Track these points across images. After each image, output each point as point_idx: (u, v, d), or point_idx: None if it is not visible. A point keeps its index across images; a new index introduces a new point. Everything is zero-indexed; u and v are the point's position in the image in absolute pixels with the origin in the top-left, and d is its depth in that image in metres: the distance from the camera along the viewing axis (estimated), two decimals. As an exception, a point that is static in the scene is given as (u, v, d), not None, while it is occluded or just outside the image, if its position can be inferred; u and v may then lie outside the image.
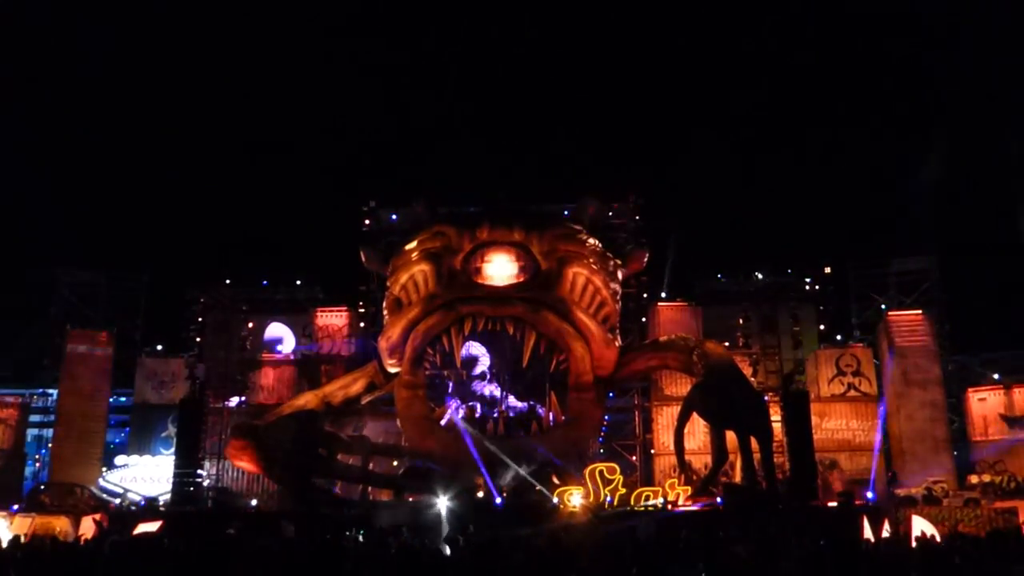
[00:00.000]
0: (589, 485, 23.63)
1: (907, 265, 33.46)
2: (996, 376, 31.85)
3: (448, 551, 9.74)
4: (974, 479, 27.65)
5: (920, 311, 31.74)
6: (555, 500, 23.30)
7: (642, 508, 23.44)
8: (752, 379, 28.55)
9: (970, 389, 31.92)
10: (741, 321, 32.33)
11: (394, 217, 33.68)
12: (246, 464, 26.89)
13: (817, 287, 33.91)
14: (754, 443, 24.94)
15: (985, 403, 31.43)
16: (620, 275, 28.25)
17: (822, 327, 33.41)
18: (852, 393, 31.39)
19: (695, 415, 26.24)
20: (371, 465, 27.32)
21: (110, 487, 30.69)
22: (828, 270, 34.14)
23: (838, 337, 33.09)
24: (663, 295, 33.38)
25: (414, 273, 26.45)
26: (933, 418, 30.30)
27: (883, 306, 32.82)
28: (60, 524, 24.53)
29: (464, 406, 28.41)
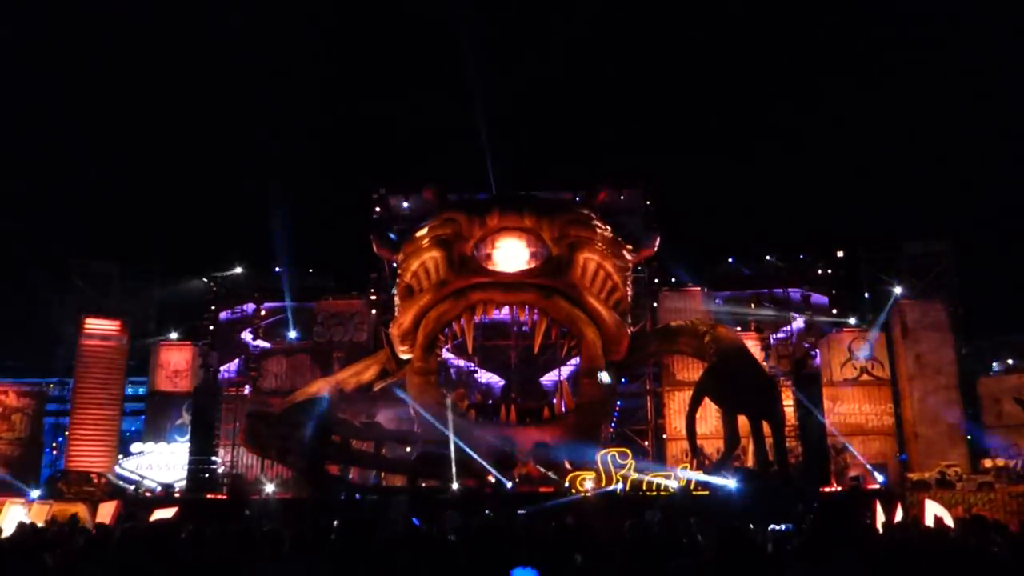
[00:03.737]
0: (601, 470, 23.70)
1: (920, 248, 33.24)
2: (1010, 360, 31.64)
3: (458, 537, 9.79)
4: (988, 463, 27.53)
5: (933, 294, 31.56)
6: (567, 485, 23.39)
7: (654, 493, 23.49)
8: (764, 363, 28.51)
9: (983, 373, 31.75)
10: (753, 306, 32.23)
11: (404, 204, 33.81)
12: (260, 451, 27.10)
13: (829, 271, 33.76)
14: (766, 428, 24.94)
15: (999, 387, 31.26)
16: (631, 260, 28.21)
17: (834, 311, 33.29)
18: (864, 377, 31.27)
19: (707, 400, 26.25)
20: (384, 451, 27.48)
21: (126, 474, 30.99)
22: (840, 254, 33.99)
23: (851, 321, 32.97)
24: (674, 280, 33.34)
25: (425, 260, 26.47)
26: (946, 402, 30.16)
27: (896, 290, 32.66)
28: (77, 511, 24.77)
29: (476, 392, 28.53)
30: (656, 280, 32.94)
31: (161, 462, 31.59)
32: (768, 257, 33.71)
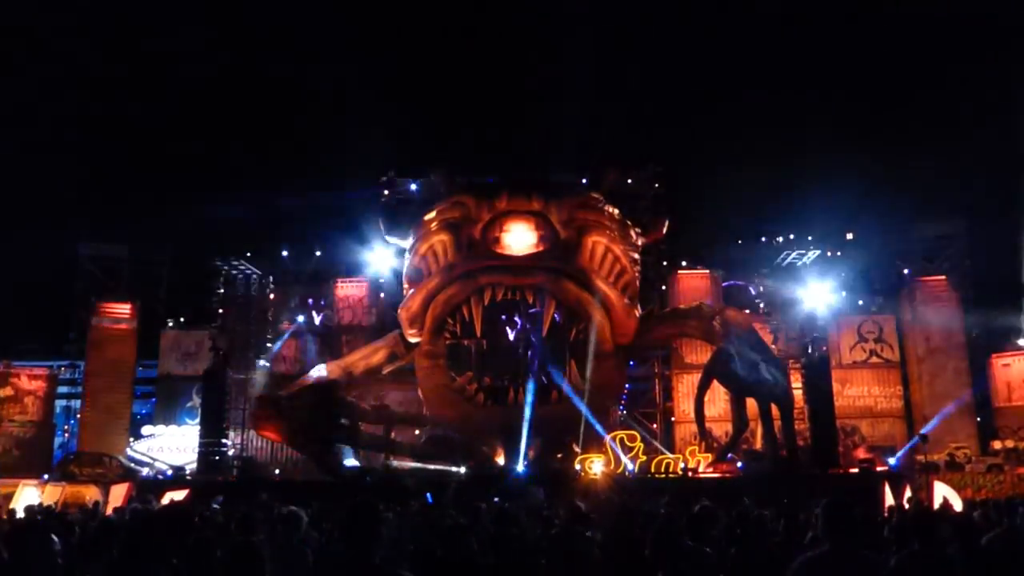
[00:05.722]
0: (610, 453, 23.76)
1: (931, 230, 33.05)
2: (1021, 342, 31.52)
3: (468, 520, 9.84)
4: (997, 445, 27.50)
5: (944, 276, 31.40)
6: (576, 468, 23.46)
7: (663, 476, 23.56)
8: (773, 346, 28.44)
9: (994, 355, 31.63)
10: (762, 288, 32.15)
11: (413, 187, 33.74)
12: (270, 434, 27.23)
13: (839, 252, 33.61)
14: (775, 410, 24.94)
15: (1009, 369, 31.15)
16: (640, 243, 28.13)
17: (844, 293, 33.16)
18: (874, 360, 31.20)
19: (715, 383, 26.26)
20: (393, 434, 27.57)
21: (138, 457, 31.22)
22: (850, 235, 33.82)
23: (860, 303, 32.83)
24: (683, 263, 33.24)
25: (433, 243, 26.45)
26: (956, 384, 30.10)
27: (906, 271, 32.47)
28: (90, 493, 25.00)
29: (484, 376, 28.51)
30: (665, 263, 32.84)
31: (172, 444, 31.83)
32: (778, 239, 33.55)
